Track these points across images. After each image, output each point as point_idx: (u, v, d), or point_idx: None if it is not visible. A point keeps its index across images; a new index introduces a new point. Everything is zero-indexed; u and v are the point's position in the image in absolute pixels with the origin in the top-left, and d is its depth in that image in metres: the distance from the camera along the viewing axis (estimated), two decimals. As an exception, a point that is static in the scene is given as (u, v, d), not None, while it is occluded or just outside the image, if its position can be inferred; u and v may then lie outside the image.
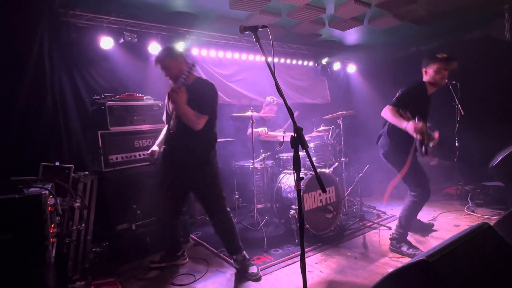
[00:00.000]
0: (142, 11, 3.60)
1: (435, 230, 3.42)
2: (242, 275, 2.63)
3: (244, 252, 2.71)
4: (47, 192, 1.90)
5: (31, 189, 1.93)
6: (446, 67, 2.80)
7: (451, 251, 1.57)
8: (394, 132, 2.83)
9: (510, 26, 4.08)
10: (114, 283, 2.49)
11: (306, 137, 4.05)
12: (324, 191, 1.56)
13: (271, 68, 1.71)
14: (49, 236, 1.88)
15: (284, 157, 3.84)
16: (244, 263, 2.65)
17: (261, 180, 3.76)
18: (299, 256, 1.71)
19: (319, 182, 1.55)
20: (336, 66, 5.95)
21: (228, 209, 2.68)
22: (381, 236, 3.32)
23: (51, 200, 1.99)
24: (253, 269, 2.61)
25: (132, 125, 3.12)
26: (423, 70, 2.89)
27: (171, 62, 2.46)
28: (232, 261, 2.78)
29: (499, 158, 3.76)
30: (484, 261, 1.68)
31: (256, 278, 2.57)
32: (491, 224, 2.65)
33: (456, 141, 4.43)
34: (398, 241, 2.93)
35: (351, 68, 6.14)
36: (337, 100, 6.04)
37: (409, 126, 2.56)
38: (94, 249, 2.95)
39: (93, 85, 3.56)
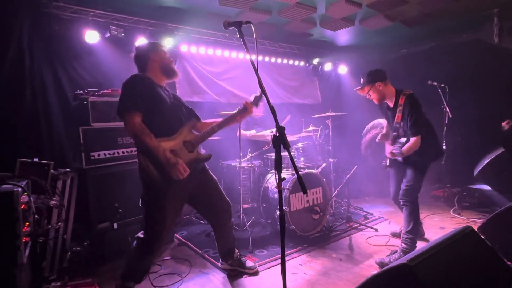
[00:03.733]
0: (130, 5, 3.51)
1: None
2: (237, 273, 2.62)
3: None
4: (19, 189, 1.83)
5: (4, 186, 1.86)
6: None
7: (432, 255, 1.55)
8: None
9: (499, 30, 4.10)
10: (91, 284, 2.41)
11: (295, 137, 4.07)
12: (305, 192, 1.52)
13: (254, 65, 1.68)
14: (21, 235, 1.80)
15: (272, 157, 3.79)
16: (240, 260, 2.65)
17: (248, 180, 3.71)
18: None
19: (301, 183, 1.52)
20: (328, 66, 5.93)
21: None
22: (367, 238, 3.31)
23: (24, 198, 1.92)
24: (249, 263, 2.64)
25: (115, 122, 3.02)
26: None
27: None
28: (219, 264, 2.74)
29: (485, 162, 3.80)
30: (466, 265, 1.66)
31: (255, 272, 2.62)
32: (476, 226, 2.67)
33: (444, 144, 4.45)
34: None
35: (342, 69, 6.13)
36: (328, 101, 6.01)
37: None
38: (74, 248, 2.86)
39: (77, 80, 3.45)
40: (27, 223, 1.98)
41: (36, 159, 2.54)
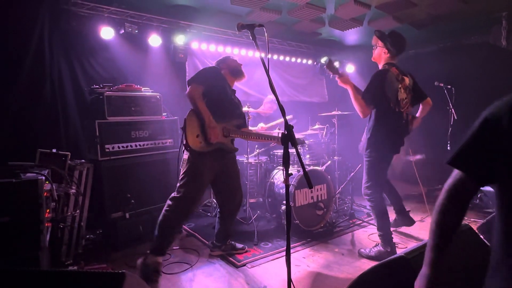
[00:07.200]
0: (144, 3, 3.62)
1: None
2: (231, 257, 2.87)
3: None
4: (43, 177, 1.95)
5: (28, 174, 1.97)
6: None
7: (429, 249, 1.64)
8: None
9: (507, 34, 4.12)
10: (106, 269, 2.55)
11: (301, 135, 4.15)
12: (310, 187, 1.62)
13: (266, 66, 1.76)
14: (44, 220, 1.93)
15: (278, 153, 3.90)
16: (232, 245, 2.99)
17: (254, 175, 3.82)
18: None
19: (307, 178, 1.62)
20: (335, 65, 5.98)
21: None
22: (369, 234, 3.40)
23: (47, 186, 2.04)
24: (239, 245, 3.00)
25: (129, 116, 3.16)
26: None
27: None
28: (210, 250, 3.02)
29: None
30: (462, 260, 1.75)
31: (245, 251, 2.98)
32: (476, 226, 2.74)
33: (449, 145, 4.50)
34: None
35: (350, 68, 6.18)
36: (335, 99, 6.08)
37: None
38: (88, 236, 3.01)
39: (92, 75, 3.58)
40: (48, 210, 2.11)
41: (54, 150, 2.68)
